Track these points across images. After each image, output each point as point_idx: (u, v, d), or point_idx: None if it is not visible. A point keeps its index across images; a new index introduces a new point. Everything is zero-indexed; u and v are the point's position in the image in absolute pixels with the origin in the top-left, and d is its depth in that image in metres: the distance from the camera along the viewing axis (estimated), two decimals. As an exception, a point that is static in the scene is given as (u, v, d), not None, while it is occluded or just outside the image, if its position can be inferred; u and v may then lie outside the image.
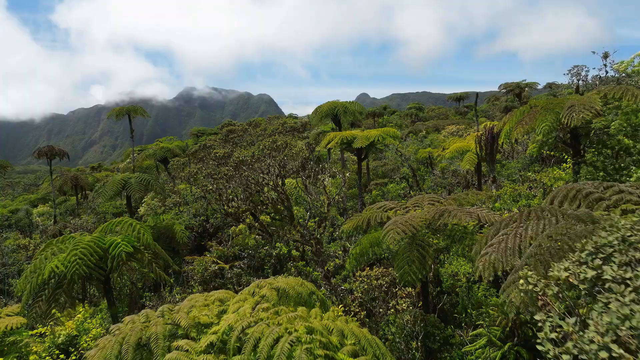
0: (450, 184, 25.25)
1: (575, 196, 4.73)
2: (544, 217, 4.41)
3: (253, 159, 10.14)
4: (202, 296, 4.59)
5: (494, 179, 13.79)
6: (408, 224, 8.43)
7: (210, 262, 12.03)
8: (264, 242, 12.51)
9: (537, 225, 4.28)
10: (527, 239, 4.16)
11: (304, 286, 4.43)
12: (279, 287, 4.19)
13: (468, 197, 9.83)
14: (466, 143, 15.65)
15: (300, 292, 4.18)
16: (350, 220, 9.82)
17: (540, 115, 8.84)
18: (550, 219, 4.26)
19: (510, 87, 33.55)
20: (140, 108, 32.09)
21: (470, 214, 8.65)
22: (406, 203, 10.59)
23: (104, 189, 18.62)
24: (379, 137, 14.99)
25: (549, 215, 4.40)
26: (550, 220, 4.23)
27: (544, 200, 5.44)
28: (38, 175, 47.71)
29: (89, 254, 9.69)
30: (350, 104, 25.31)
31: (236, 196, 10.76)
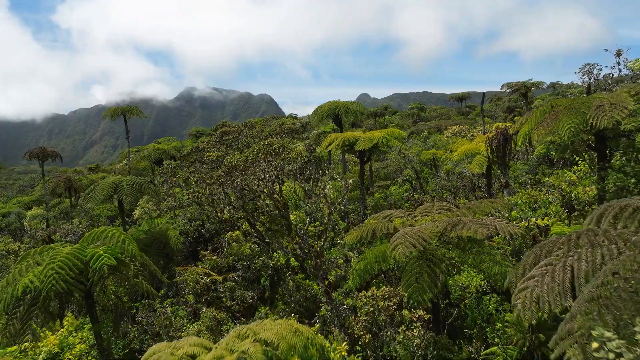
0: (455, 187, 24.38)
1: (632, 215, 3.89)
2: (599, 243, 3.58)
3: (246, 163, 9.31)
4: (169, 348, 3.73)
5: (506, 184, 12.92)
6: (418, 237, 7.58)
7: (203, 274, 11.18)
8: (260, 251, 11.67)
9: (592, 254, 3.44)
10: (582, 274, 3.33)
11: (299, 335, 3.57)
12: (265, 339, 3.34)
13: (482, 205, 8.97)
14: (475, 145, 14.79)
15: (293, 344, 3.32)
16: (353, 231, 8.96)
17: (564, 116, 7.99)
18: (609, 247, 3.42)
19: (516, 87, 32.68)
20: (135, 108, 31.27)
21: (487, 225, 7.79)
22: (414, 212, 9.73)
23: (94, 192, 17.78)
24: (383, 138, 14.13)
25: (606, 241, 3.56)
26: (610, 248, 3.40)
27: (586, 220, 4.60)
28: (33, 177, 46.94)
29: (68, 267, 8.85)
30: (351, 104, 24.46)
31: (230, 203, 9.90)
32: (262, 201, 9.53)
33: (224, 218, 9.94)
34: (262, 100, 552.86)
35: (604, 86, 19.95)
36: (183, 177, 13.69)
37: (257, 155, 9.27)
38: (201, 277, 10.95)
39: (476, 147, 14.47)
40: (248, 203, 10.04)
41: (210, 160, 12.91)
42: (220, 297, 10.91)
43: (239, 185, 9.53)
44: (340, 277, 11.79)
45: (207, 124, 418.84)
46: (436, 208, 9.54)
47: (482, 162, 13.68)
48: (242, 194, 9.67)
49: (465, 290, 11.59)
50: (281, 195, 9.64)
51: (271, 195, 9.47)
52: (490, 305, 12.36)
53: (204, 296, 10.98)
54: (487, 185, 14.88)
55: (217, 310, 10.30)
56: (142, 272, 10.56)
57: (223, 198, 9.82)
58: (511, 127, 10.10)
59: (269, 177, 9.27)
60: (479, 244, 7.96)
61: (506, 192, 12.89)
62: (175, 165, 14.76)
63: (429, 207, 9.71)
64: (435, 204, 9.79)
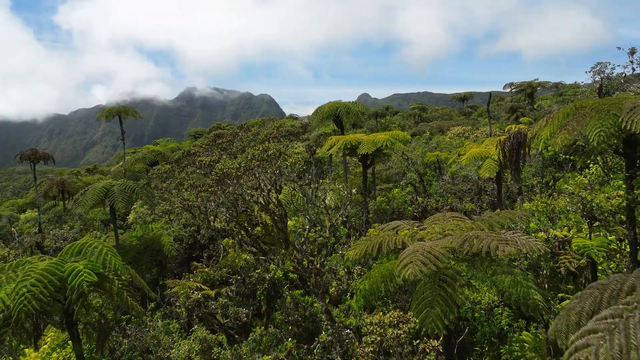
0: (461, 191, 23.56)
1: None
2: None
3: (239, 171, 8.51)
4: None
5: (519, 190, 12.09)
6: (430, 254, 6.76)
7: (194, 288, 10.37)
8: (255, 262, 10.85)
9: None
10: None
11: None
12: None
13: (498, 217, 8.15)
14: (484, 148, 13.96)
15: None
16: (356, 245, 8.15)
17: (592, 118, 7.17)
18: None
19: (521, 87, 31.85)
20: (131, 109, 30.47)
21: (506, 241, 6.97)
22: (423, 223, 8.91)
23: (83, 198, 16.96)
24: (387, 142, 13.31)
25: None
26: None
27: None
28: (28, 178, 46.12)
29: (42, 285, 8.04)
30: (353, 105, 23.64)
31: (222, 213, 9.09)
32: (256, 212, 8.74)
33: (216, 227, 9.16)
34: (263, 100, 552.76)
35: (616, 86, 19.11)
36: (174, 184, 12.87)
37: (251, 161, 8.49)
38: (192, 292, 10.15)
39: (486, 150, 13.64)
40: (241, 215, 9.23)
41: (203, 165, 12.10)
42: (213, 314, 10.11)
43: (233, 195, 8.72)
44: (342, 291, 10.97)
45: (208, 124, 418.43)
46: (447, 219, 8.71)
47: (493, 167, 12.86)
48: (235, 204, 8.87)
49: (477, 305, 10.80)
50: (278, 206, 8.84)
51: (266, 206, 8.66)
52: (503, 320, 11.55)
53: (196, 312, 10.18)
54: (497, 191, 14.05)
55: (209, 330, 9.47)
56: (128, 288, 9.75)
57: (214, 208, 9.03)
58: (529, 131, 9.29)
59: (264, 185, 8.46)
60: (497, 261, 7.14)
61: (519, 199, 12.06)
62: (166, 170, 13.96)
63: (439, 217, 8.89)
64: (446, 214, 8.97)
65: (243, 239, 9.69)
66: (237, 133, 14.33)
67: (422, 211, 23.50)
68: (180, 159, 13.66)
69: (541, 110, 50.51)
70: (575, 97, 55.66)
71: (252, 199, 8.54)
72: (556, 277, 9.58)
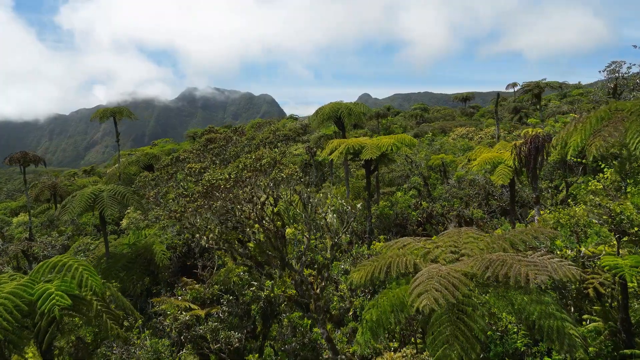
0: (467, 196, 22.63)
1: None
2: None
3: (228, 182, 7.57)
4: None
5: (536, 200, 11.15)
6: (447, 282, 5.82)
7: (183, 308, 9.46)
8: (250, 277, 9.92)
9: None
10: None
11: None
12: None
13: (521, 234, 7.21)
14: (497, 153, 13.02)
15: None
16: (362, 267, 7.22)
17: (633, 123, 6.24)
18: None
19: (528, 87, 30.89)
20: (126, 109, 29.55)
21: (536, 265, 6.03)
22: (437, 240, 7.98)
23: (71, 204, 16.06)
24: (392, 146, 12.38)
25: None
26: None
27: None
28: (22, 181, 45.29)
29: (7, 311, 7.13)
30: (354, 106, 22.70)
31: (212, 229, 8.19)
32: (248, 229, 7.82)
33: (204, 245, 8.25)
34: (264, 100, 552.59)
35: (632, 86, 18.14)
36: (161, 192, 11.95)
37: (242, 172, 7.58)
38: (180, 313, 9.23)
39: (498, 155, 12.70)
40: (231, 232, 8.30)
41: (193, 172, 11.19)
42: (204, 336, 9.19)
43: (221, 208, 7.80)
44: (345, 310, 10.03)
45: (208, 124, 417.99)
46: (462, 235, 7.78)
47: (506, 174, 11.92)
48: (225, 220, 7.94)
49: (493, 328, 9.88)
50: (273, 221, 7.88)
51: (260, 221, 7.74)
52: (518, 342, 10.63)
53: (184, 334, 9.26)
54: (510, 198, 13.11)
55: (199, 354, 8.54)
56: (109, 310, 8.82)
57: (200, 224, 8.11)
58: (555, 136, 8.36)
59: (257, 198, 7.53)
60: (524, 288, 6.20)
61: (536, 209, 11.12)
62: (154, 177, 13.03)
63: (453, 233, 7.95)
64: (460, 229, 8.04)
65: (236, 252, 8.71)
66: (230, 137, 13.39)
67: (427, 217, 22.58)
68: (169, 165, 12.72)
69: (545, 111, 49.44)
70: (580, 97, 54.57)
71: (243, 214, 7.60)
72: (582, 297, 8.64)
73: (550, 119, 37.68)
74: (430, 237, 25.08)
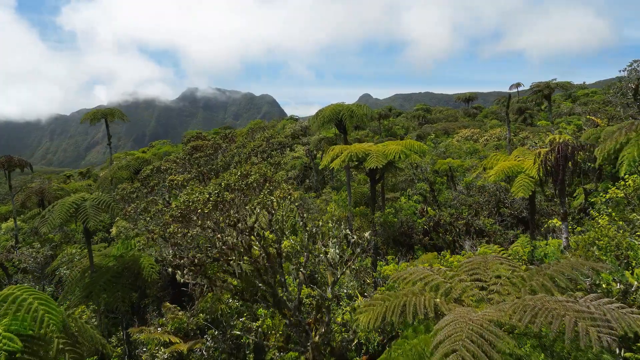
0: (477, 203, 21.36)
1: None
2: None
3: (207, 206, 6.26)
4: None
5: (564, 215, 9.88)
6: (482, 339, 4.57)
7: (162, 342, 8.22)
8: (241, 304, 8.68)
9: None
10: None
11: None
12: None
13: (564, 267, 5.95)
14: (515, 162, 11.74)
15: None
16: (370, 308, 5.96)
17: None
18: None
19: (539, 88, 29.59)
20: (118, 111, 28.31)
21: (592, 316, 4.77)
22: (458, 271, 6.72)
23: (50, 215, 14.82)
24: (401, 153, 11.11)
25: None
26: None
27: None
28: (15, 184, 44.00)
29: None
30: (357, 108, 21.41)
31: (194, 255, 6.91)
32: (233, 261, 6.55)
33: (180, 280, 7.00)
34: (264, 100, 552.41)
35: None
36: (140, 207, 10.69)
37: (225, 191, 6.32)
38: (157, 350, 8.00)
39: (517, 164, 11.42)
40: (211, 265, 7.04)
41: (175, 185, 9.94)
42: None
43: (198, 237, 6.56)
44: (347, 341, 8.77)
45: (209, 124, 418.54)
46: (490, 265, 6.53)
47: (528, 185, 10.65)
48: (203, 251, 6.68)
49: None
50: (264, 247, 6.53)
51: (247, 251, 6.47)
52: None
53: (164, 371, 8.03)
54: (530, 212, 11.84)
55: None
56: (73, 348, 7.58)
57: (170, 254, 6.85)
58: (600, 148, 7.10)
59: (243, 223, 6.26)
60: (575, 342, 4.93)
61: (564, 226, 9.84)
62: (133, 190, 11.76)
63: (478, 262, 6.69)
64: (487, 257, 6.78)
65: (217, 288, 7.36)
66: (219, 145, 12.06)
67: (434, 225, 21.32)
68: (149, 177, 11.45)
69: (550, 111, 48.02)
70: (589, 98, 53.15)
71: (225, 245, 6.30)
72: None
73: (560, 120, 36.34)
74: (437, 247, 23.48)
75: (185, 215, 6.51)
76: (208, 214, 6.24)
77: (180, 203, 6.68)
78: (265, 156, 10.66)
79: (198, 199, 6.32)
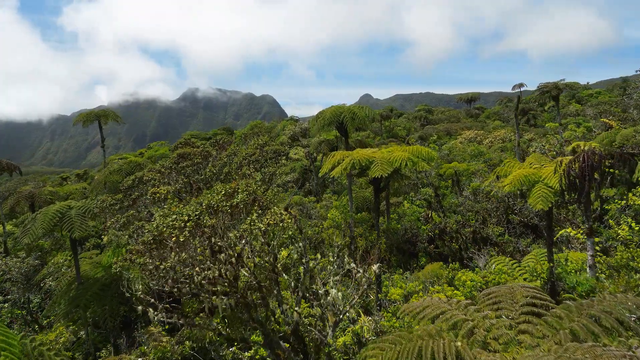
0: (484, 209, 20.44)
1: None
2: None
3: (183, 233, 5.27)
4: None
5: (590, 231, 8.94)
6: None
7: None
8: (231, 333, 7.74)
9: None
10: None
11: None
12: None
13: (610, 304, 5.02)
14: (532, 169, 10.80)
15: None
16: (379, 352, 5.04)
17: None
18: None
19: (547, 88, 28.64)
20: (112, 112, 27.44)
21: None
22: (479, 303, 5.80)
23: (32, 225, 13.91)
24: (408, 161, 10.20)
25: None
26: None
27: None
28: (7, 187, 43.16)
29: None
30: (359, 109, 20.49)
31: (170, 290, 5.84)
32: (215, 297, 5.60)
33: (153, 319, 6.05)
34: (265, 101, 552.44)
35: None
36: (120, 223, 9.80)
37: (204, 214, 5.35)
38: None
39: (535, 172, 10.48)
40: (189, 302, 6.11)
41: (158, 199, 9.02)
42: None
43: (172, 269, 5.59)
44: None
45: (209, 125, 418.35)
46: (518, 297, 5.60)
47: (548, 196, 9.71)
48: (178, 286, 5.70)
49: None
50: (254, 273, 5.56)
51: (232, 285, 5.52)
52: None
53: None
54: (547, 224, 10.89)
55: None
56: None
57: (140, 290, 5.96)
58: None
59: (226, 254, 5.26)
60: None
61: (589, 243, 8.91)
62: (113, 202, 10.84)
63: (503, 294, 5.77)
64: (513, 287, 5.86)
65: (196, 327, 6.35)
66: (208, 153, 11.06)
67: (439, 232, 20.39)
68: (131, 188, 10.51)
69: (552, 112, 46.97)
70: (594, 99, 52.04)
71: (205, 280, 5.34)
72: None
73: (565, 121, 35.32)
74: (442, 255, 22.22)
75: (160, 242, 5.59)
76: (185, 242, 5.30)
77: (153, 228, 5.76)
78: (259, 166, 9.74)
79: (173, 223, 5.38)
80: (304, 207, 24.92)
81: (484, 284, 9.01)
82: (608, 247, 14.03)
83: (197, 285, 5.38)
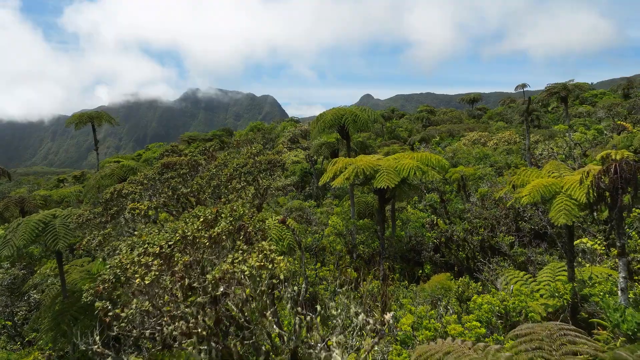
0: (494, 217, 19.50)
1: None
2: None
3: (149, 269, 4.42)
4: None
5: (622, 250, 8.01)
6: None
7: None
8: None
9: None
10: None
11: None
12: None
13: None
14: (553, 179, 9.88)
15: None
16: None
17: None
18: None
19: (554, 89, 27.67)
20: (105, 114, 26.60)
21: None
22: (514, 350, 4.87)
23: (13, 235, 13.02)
24: (417, 170, 9.25)
25: None
26: None
27: None
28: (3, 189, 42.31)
29: None
30: (361, 112, 19.59)
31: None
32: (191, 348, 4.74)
33: None
34: (266, 101, 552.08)
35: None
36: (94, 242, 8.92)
37: (180, 244, 4.44)
38: None
39: (555, 182, 9.56)
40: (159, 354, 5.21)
41: (138, 215, 8.12)
42: None
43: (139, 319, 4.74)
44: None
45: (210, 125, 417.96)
46: (557, 343, 4.69)
47: (572, 209, 8.79)
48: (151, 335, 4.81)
49: None
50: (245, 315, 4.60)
51: (212, 331, 4.60)
52: None
53: None
54: (569, 237, 9.97)
55: None
56: None
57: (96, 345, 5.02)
58: None
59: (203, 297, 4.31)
60: None
61: (621, 263, 7.98)
62: (90, 217, 9.92)
63: (539, 338, 4.85)
64: (547, 325, 4.94)
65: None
66: (197, 163, 10.12)
67: (445, 240, 19.46)
68: (111, 200, 9.60)
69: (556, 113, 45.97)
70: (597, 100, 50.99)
71: (178, 330, 4.44)
72: None
73: (577, 123, 34.28)
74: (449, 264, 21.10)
75: (126, 280, 4.70)
76: (152, 283, 4.40)
77: (115, 263, 4.88)
78: (251, 179, 8.80)
79: (139, 259, 4.48)
80: (304, 212, 24.05)
81: (502, 308, 8.09)
82: (630, 260, 13.07)
83: (168, 335, 4.47)
